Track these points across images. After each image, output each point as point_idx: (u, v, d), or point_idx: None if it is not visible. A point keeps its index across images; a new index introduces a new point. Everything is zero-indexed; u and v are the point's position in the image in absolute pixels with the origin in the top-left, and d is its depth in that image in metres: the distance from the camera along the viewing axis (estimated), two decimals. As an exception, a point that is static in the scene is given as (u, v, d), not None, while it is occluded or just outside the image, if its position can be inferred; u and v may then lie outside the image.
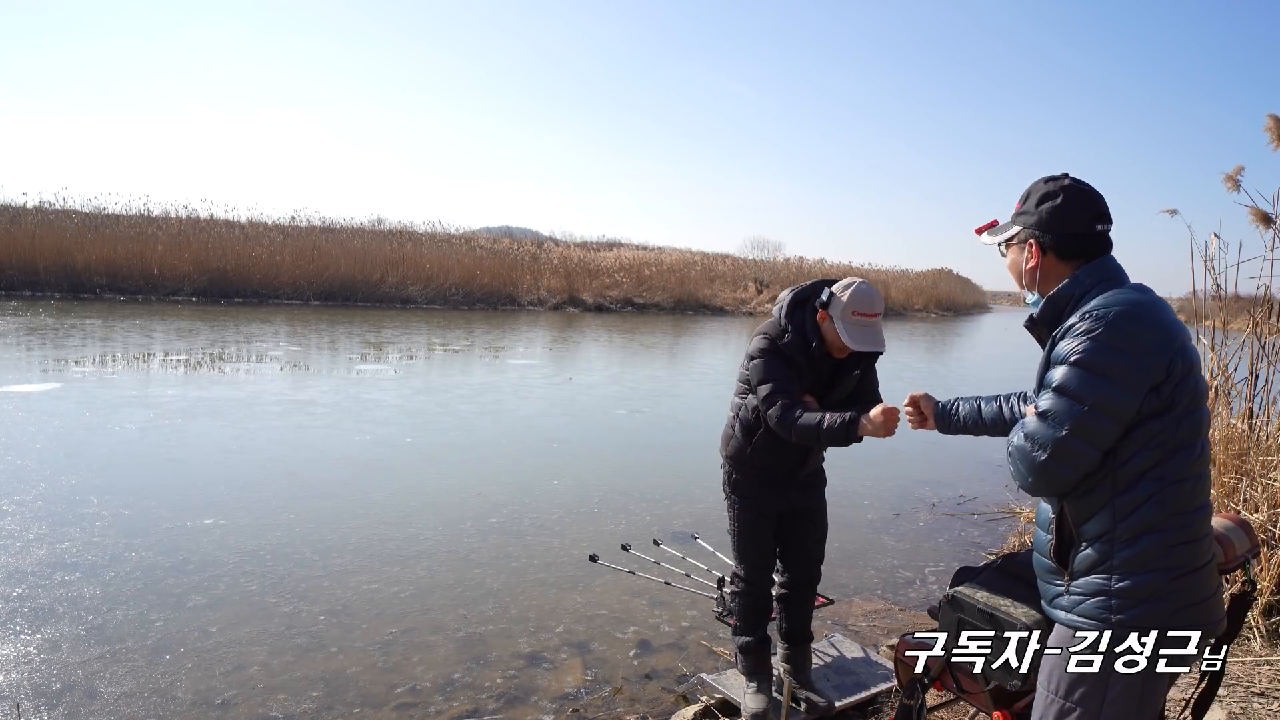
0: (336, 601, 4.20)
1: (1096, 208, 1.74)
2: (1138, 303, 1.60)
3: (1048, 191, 1.76)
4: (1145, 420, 1.57)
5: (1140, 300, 1.61)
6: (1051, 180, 1.78)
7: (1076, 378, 1.57)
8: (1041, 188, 1.78)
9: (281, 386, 10.34)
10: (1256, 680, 3.29)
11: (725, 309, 33.03)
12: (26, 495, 5.55)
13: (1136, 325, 1.57)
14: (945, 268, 47.63)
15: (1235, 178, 4.43)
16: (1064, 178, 1.78)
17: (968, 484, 7.30)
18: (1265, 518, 3.90)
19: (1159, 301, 1.65)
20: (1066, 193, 1.74)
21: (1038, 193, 1.78)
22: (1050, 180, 1.78)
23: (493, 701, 3.34)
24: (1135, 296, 1.62)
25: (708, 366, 15.91)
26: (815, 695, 3.07)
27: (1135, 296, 1.62)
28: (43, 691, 3.23)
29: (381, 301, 25.58)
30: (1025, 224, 1.79)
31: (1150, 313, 1.59)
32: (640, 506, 6.09)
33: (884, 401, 2.91)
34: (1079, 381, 1.57)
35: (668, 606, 4.31)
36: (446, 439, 8.00)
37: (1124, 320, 1.56)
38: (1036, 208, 1.77)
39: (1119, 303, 1.59)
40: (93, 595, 4.11)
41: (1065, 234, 1.73)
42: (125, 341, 13.81)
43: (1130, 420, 1.57)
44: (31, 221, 22.80)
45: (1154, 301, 1.64)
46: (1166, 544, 1.57)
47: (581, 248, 35.90)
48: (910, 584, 4.90)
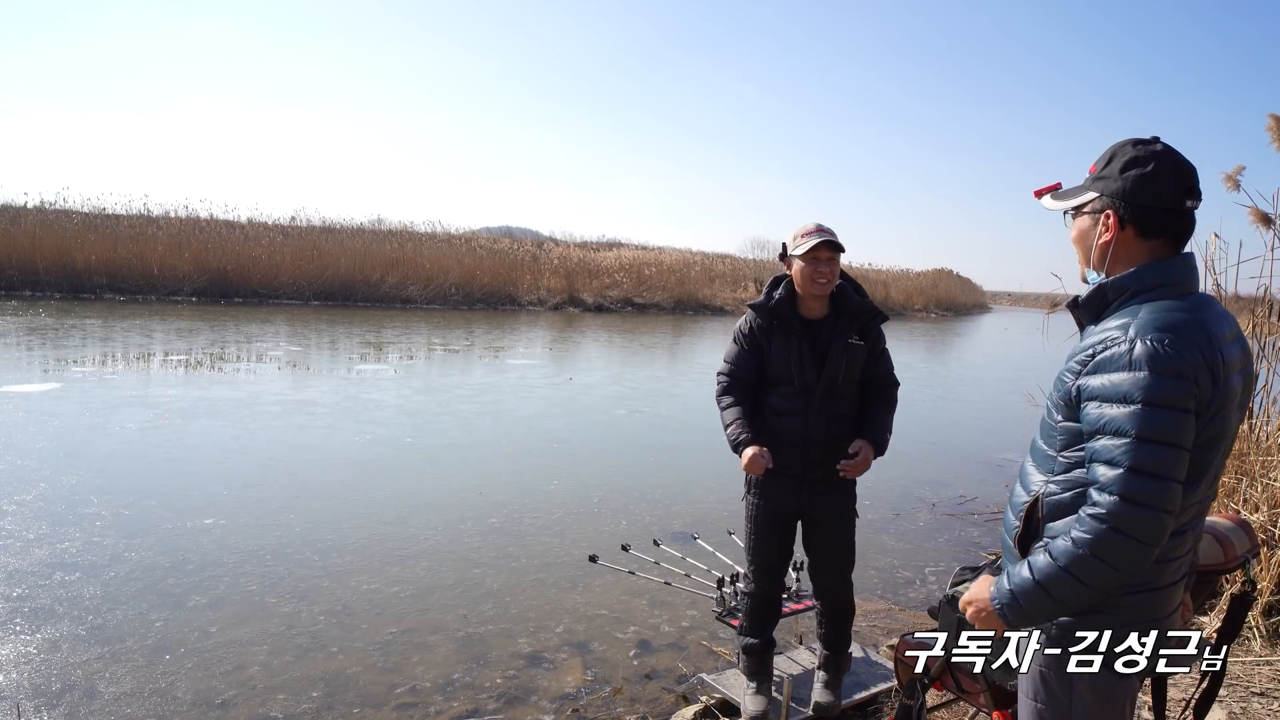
0: (336, 601, 4.19)
1: (1189, 180, 1.50)
2: (1198, 324, 1.44)
3: (1136, 156, 1.51)
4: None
5: (1199, 321, 1.45)
6: (1142, 143, 1.52)
7: (1146, 417, 1.38)
8: (1129, 151, 1.52)
9: (281, 386, 10.34)
10: (1256, 680, 3.29)
11: (725, 309, 33.01)
12: (26, 495, 5.55)
13: (1193, 351, 1.40)
14: (945, 268, 47.70)
15: (1235, 178, 4.42)
16: (1155, 141, 1.53)
17: (968, 484, 7.30)
18: (1265, 518, 3.90)
19: (1209, 320, 1.47)
20: (1159, 159, 1.49)
21: (1124, 156, 1.52)
22: (1140, 143, 1.52)
23: (493, 701, 3.34)
24: (1184, 318, 1.44)
25: (708, 366, 15.90)
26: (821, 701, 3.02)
27: (1184, 318, 1.44)
28: (43, 691, 3.23)
29: (381, 301, 25.57)
30: (1104, 190, 1.53)
31: (1206, 334, 1.43)
32: (640, 506, 6.09)
33: (893, 384, 2.84)
34: (1147, 420, 1.38)
35: (668, 606, 4.31)
36: (446, 439, 8.00)
37: (1184, 348, 1.39)
38: (1121, 174, 1.51)
39: (1171, 326, 1.42)
40: (93, 595, 4.11)
41: (1151, 207, 1.49)
42: (125, 341, 13.81)
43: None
44: (31, 221, 22.78)
45: (1202, 322, 1.45)
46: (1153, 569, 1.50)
47: (581, 248, 35.89)
48: (910, 584, 4.90)
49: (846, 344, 2.73)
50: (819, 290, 2.71)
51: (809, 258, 2.68)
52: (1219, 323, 1.50)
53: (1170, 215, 1.50)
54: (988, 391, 14.14)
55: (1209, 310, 1.51)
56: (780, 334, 2.77)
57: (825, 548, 2.90)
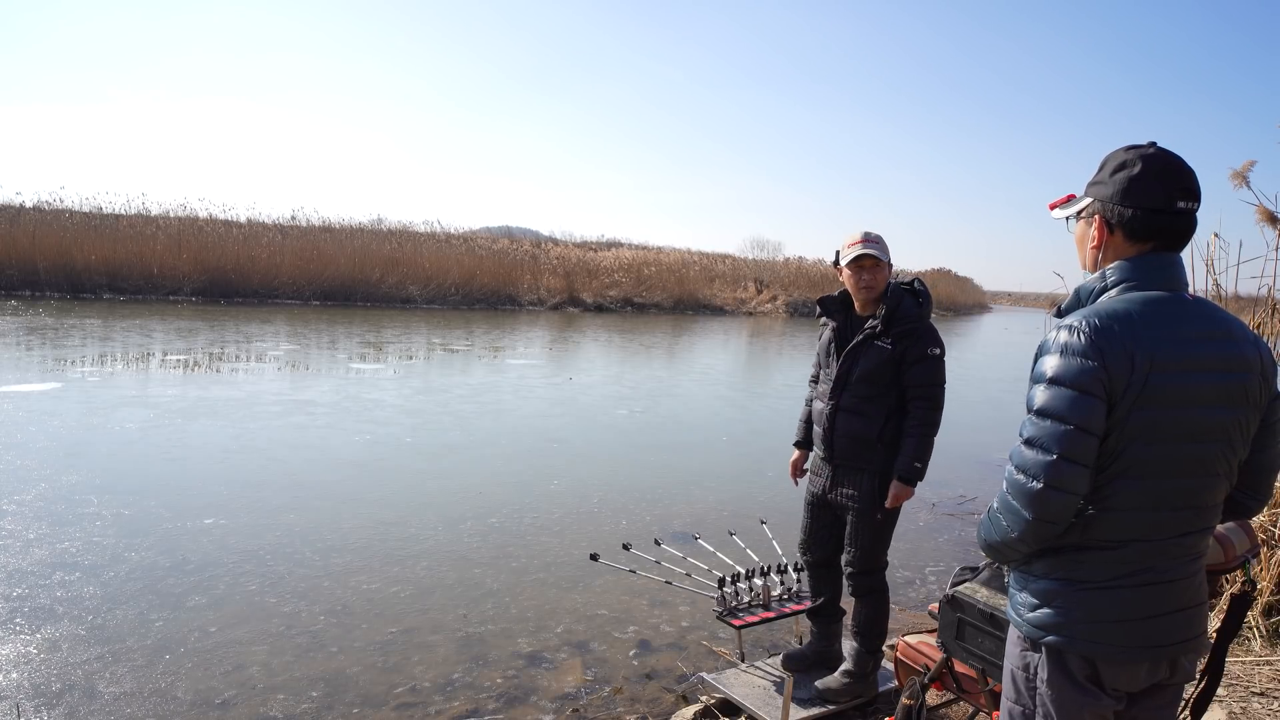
0: (336, 601, 4.20)
1: (1181, 181, 1.50)
2: (1125, 314, 1.45)
3: (1125, 160, 1.53)
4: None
5: (1129, 312, 1.46)
6: (1134, 149, 1.54)
7: (1044, 394, 1.47)
8: (1120, 155, 1.54)
9: (281, 386, 10.34)
10: (1256, 680, 3.29)
11: (725, 309, 33.02)
12: (26, 495, 5.55)
13: (1106, 339, 1.43)
14: (945, 268, 47.75)
15: (1244, 174, 4.28)
16: (1149, 146, 1.54)
17: (968, 484, 7.30)
18: (1265, 518, 3.90)
19: (1164, 315, 1.47)
20: (1146, 161, 1.50)
21: (1114, 160, 1.55)
22: (1133, 149, 1.54)
23: (493, 701, 3.34)
24: (1127, 307, 1.47)
25: (707, 366, 15.91)
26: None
27: (1127, 307, 1.47)
28: (43, 691, 3.23)
29: (381, 301, 25.58)
30: (1097, 195, 1.57)
31: (1131, 326, 1.44)
32: (640, 506, 6.09)
33: (925, 397, 2.90)
34: (1045, 398, 1.46)
35: (668, 606, 4.31)
36: (446, 439, 8.00)
37: (1096, 334, 1.43)
38: (1111, 177, 1.54)
39: (1100, 314, 1.46)
40: (93, 595, 4.11)
41: (1139, 209, 1.50)
42: (125, 341, 13.81)
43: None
44: (31, 221, 22.79)
45: (1143, 314, 1.46)
46: (1077, 560, 1.52)
47: (581, 248, 35.91)
48: (910, 584, 4.90)
49: (871, 344, 2.93)
50: (862, 295, 3.01)
51: (853, 266, 2.97)
52: (1183, 320, 1.48)
53: (1160, 217, 1.50)
54: (988, 391, 14.14)
55: (1172, 307, 1.49)
56: (829, 327, 3.14)
57: (843, 535, 3.08)
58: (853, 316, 3.08)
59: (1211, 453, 1.50)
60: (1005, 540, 1.55)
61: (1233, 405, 1.51)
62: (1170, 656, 1.55)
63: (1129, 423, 1.44)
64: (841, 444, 2.98)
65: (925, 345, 2.89)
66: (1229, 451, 1.52)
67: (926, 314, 2.98)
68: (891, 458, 2.91)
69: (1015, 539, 1.52)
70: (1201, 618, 1.58)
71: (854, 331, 3.02)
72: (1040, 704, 1.57)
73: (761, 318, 32.15)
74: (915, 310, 2.95)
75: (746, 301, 34.09)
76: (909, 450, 2.89)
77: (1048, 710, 1.56)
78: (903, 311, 2.92)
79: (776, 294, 34.62)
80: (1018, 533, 1.50)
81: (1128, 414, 1.44)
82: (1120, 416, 1.44)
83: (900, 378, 2.90)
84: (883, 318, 2.92)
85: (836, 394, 2.99)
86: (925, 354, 2.88)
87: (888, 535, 3.04)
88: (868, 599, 3.06)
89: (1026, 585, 1.59)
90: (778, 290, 35.00)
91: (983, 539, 1.62)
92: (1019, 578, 1.62)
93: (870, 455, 2.93)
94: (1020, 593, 1.61)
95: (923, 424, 2.89)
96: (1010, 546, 1.55)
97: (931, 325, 2.97)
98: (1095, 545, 1.51)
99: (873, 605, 3.07)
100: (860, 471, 2.97)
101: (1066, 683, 1.53)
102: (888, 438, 2.92)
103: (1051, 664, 1.54)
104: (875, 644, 3.10)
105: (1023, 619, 1.59)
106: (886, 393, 2.92)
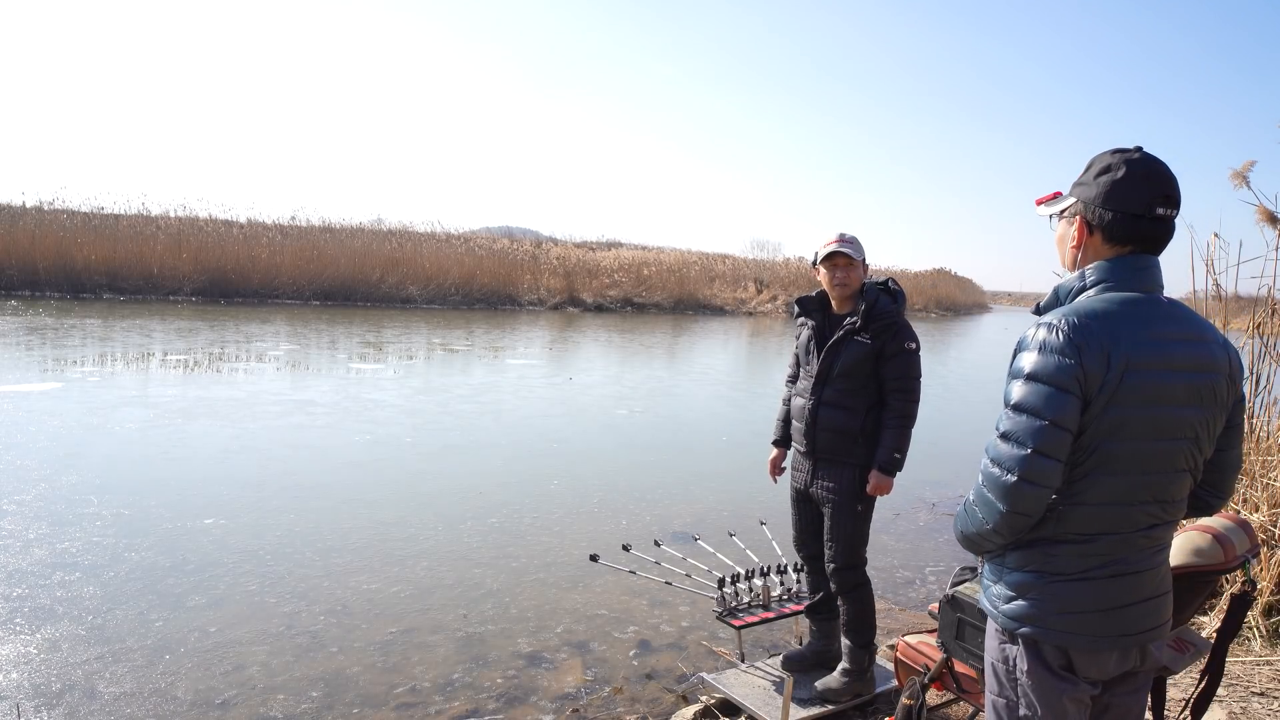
0: (336, 601, 4.19)
1: (1162, 188, 1.53)
2: (1104, 314, 1.48)
3: (1110, 163, 1.56)
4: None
5: (1107, 311, 1.49)
6: (1119, 152, 1.57)
7: (1019, 389, 1.50)
8: (1105, 159, 1.58)
9: (281, 386, 10.34)
10: (1256, 680, 3.29)
11: (725, 309, 33.02)
12: (26, 495, 5.55)
13: (1085, 337, 1.45)
14: (944, 268, 47.75)
15: (1244, 174, 4.29)
16: (1135, 150, 1.57)
17: (967, 484, 7.25)
18: (1265, 518, 3.90)
19: (1140, 315, 1.50)
20: (1130, 166, 1.54)
21: (1100, 163, 1.58)
22: (1118, 152, 1.57)
23: (493, 701, 3.34)
24: (1106, 307, 1.50)
25: (707, 366, 15.90)
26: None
27: (1106, 307, 1.50)
28: (43, 691, 3.23)
29: (381, 301, 25.58)
30: (1080, 196, 1.60)
31: (1109, 325, 1.47)
32: (640, 506, 6.09)
33: (902, 390, 2.97)
34: (1020, 393, 1.50)
35: (668, 606, 4.31)
36: (446, 439, 8.00)
37: (1075, 332, 1.46)
38: (1095, 179, 1.57)
39: (1078, 312, 1.49)
40: (93, 595, 4.11)
41: (1118, 213, 1.53)
42: (125, 341, 13.81)
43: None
44: (31, 221, 22.79)
45: (1120, 313, 1.49)
46: (1049, 553, 1.55)
47: (581, 248, 35.91)
48: (910, 584, 4.90)
49: (851, 340, 3.00)
50: (837, 292, 3.10)
51: (827, 264, 3.07)
52: (1159, 321, 1.51)
53: (1139, 222, 1.53)
54: (988, 391, 14.13)
55: (1148, 308, 1.52)
56: (807, 326, 3.20)
57: (824, 529, 3.13)
58: (830, 315, 3.17)
59: (1180, 450, 1.54)
60: (980, 531, 1.59)
61: (1202, 405, 1.54)
62: (1139, 644, 1.59)
63: (1103, 420, 1.47)
64: (824, 438, 3.05)
65: (903, 340, 2.98)
66: (1196, 449, 1.56)
67: (902, 310, 3.08)
68: (871, 452, 2.98)
69: (990, 530, 1.56)
70: (1167, 606, 1.62)
71: (832, 329, 3.10)
72: (1022, 694, 1.60)
73: (761, 318, 32.15)
74: (891, 306, 3.04)
75: (746, 301, 34.09)
76: (888, 441, 2.97)
77: (1029, 700, 1.59)
78: (880, 308, 3.01)
79: (776, 294, 34.63)
80: (992, 524, 1.54)
81: (1102, 411, 1.47)
82: (1095, 413, 1.47)
83: (879, 371, 2.99)
84: (861, 314, 3.00)
85: (818, 389, 3.07)
86: (903, 348, 2.97)
87: (866, 529, 3.11)
88: (853, 594, 3.11)
89: (1001, 577, 1.63)
90: (778, 290, 35.01)
91: (959, 530, 1.66)
92: (993, 570, 1.66)
93: (852, 448, 3.01)
94: (995, 585, 1.64)
95: (901, 416, 2.98)
96: (985, 538, 1.59)
97: (907, 321, 3.07)
98: (1067, 538, 1.54)
99: (859, 600, 3.12)
100: (841, 465, 3.04)
101: (1045, 672, 1.56)
102: (868, 431, 3.00)
103: (1029, 655, 1.58)
104: (867, 638, 3.15)
105: (999, 610, 1.62)
106: (866, 386, 3.00)
